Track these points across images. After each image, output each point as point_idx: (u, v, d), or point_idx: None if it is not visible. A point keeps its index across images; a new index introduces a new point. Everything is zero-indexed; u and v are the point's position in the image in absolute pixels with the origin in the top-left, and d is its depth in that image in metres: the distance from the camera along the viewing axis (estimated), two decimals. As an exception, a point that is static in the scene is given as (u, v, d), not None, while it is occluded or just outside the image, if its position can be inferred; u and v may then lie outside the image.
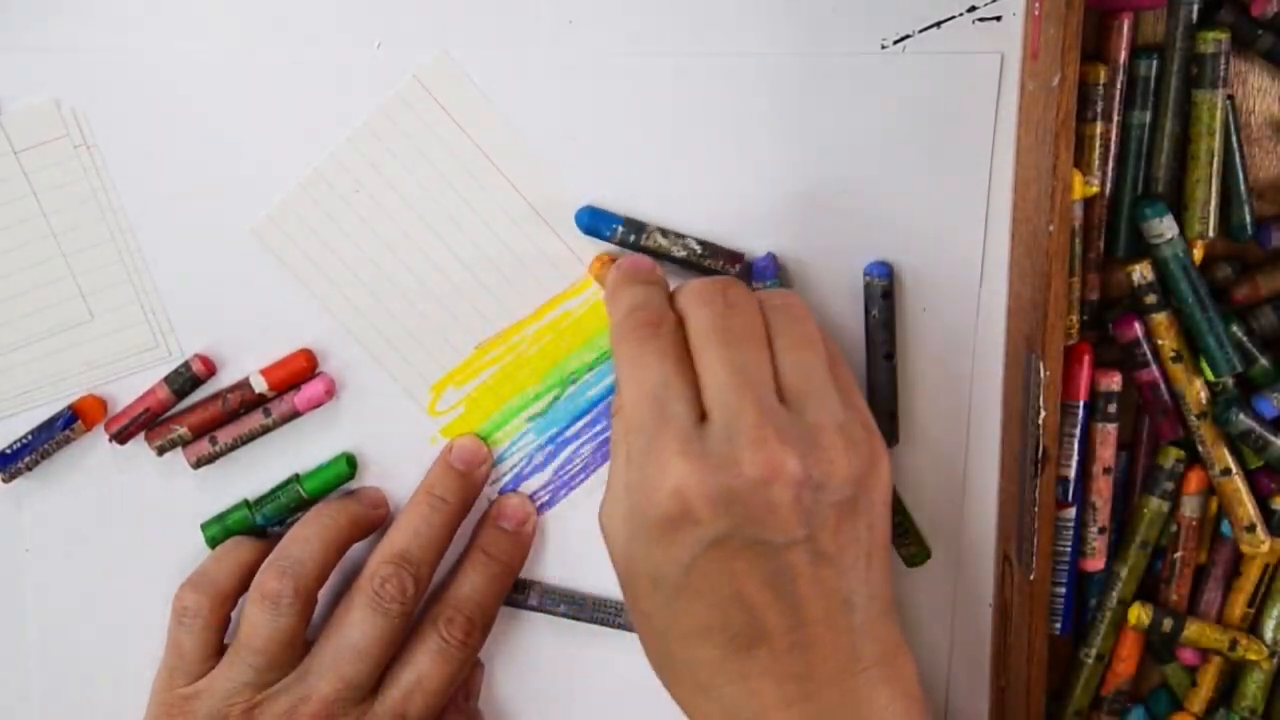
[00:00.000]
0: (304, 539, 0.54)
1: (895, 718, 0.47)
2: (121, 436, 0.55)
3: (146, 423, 0.55)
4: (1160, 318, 0.54)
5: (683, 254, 0.54)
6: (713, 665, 0.47)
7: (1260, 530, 0.55)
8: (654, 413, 0.47)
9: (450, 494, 0.55)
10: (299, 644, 0.53)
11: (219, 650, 0.54)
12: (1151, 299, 0.54)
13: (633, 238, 0.54)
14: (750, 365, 0.47)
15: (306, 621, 0.54)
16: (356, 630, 0.53)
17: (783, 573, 0.46)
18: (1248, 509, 0.55)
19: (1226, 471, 0.55)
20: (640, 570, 0.47)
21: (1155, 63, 0.53)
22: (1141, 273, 0.54)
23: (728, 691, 0.47)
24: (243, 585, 0.54)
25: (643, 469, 0.46)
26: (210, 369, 0.55)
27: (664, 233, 0.54)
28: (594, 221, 0.54)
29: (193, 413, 0.55)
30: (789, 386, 0.47)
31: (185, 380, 0.55)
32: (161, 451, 0.55)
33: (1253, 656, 0.57)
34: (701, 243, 0.54)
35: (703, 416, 0.46)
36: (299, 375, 0.55)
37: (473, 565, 0.56)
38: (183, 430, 0.55)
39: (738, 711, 0.46)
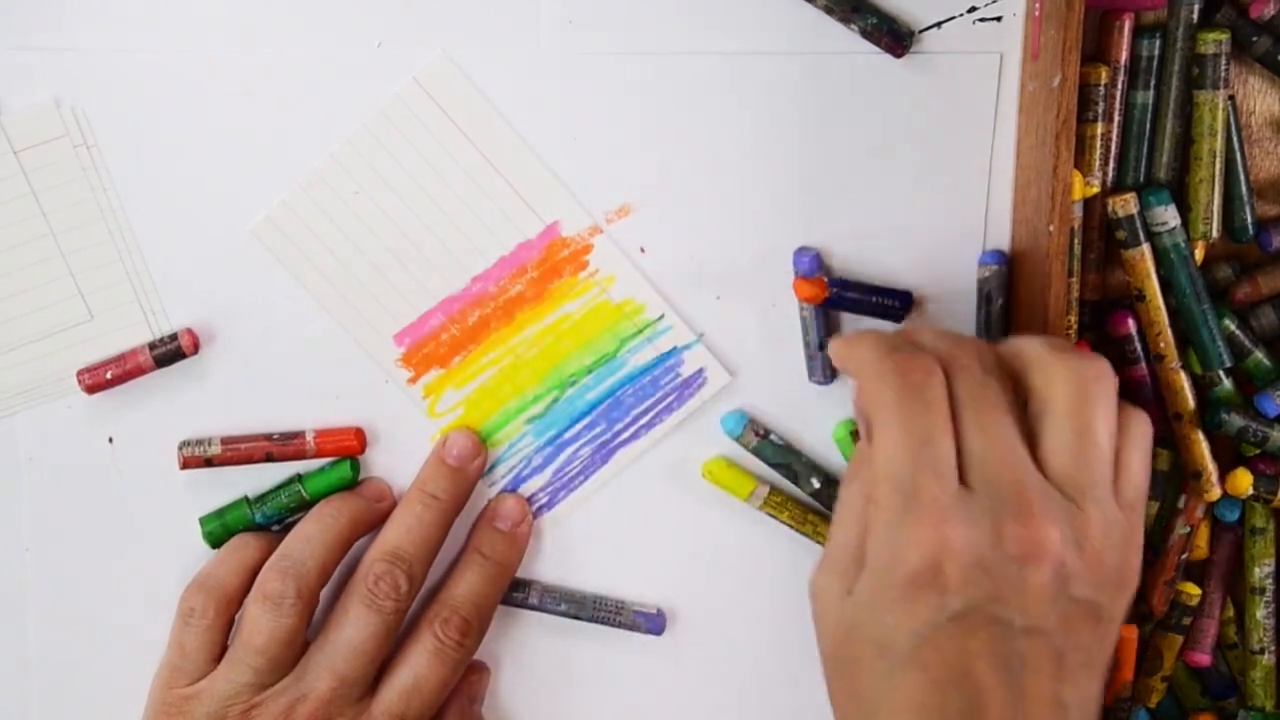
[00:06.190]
0: (305, 538, 0.54)
1: None
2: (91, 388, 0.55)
3: (117, 379, 0.55)
4: (1133, 252, 0.54)
5: None
6: None
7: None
8: (917, 468, 0.45)
9: (443, 491, 0.55)
10: (300, 644, 0.53)
11: (222, 651, 0.54)
12: (1122, 234, 0.54)
13: None
14: (1011, 441, 0.45)
15: (308, 621, 0.54)
16: (351, 628, 0.53)
17: (1015, 658, 0.43)
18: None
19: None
20: (865, 635, 0.45)
21: (1157, 41, 0.53)
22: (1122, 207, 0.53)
23: None
24: (247, 586, 0.54)
25: (894, 526, 0.44)
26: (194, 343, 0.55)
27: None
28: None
29: (235, 443, 0.55)
30: (1056, 467, 0.45)
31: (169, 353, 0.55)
32: (187, 464, 0.55)
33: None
34: None
35: (960, 482, 0.45)
36: (344, 450, 0.56)
37: (469, 565, 0.56)
38: (216, 450, 0.55)
39: None
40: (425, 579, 0.55)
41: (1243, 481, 0.56)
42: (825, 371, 0.55)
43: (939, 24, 0.53)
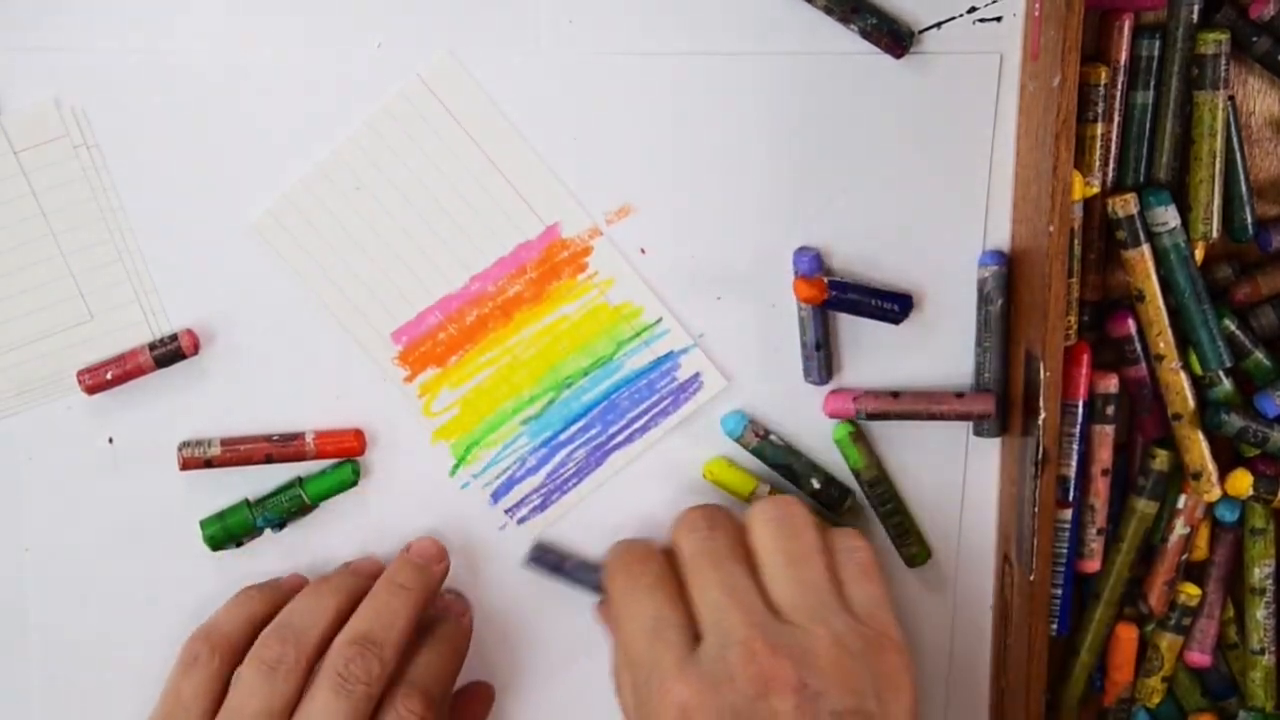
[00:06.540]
0: (307, 609, 0.53)
1: None
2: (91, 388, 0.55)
3: (117, 380, 0.55)
4: (1133, 252, 0.54)
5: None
6: None
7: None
8: (650, 643, 0.49)
9: (411, 582, 0.54)
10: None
11: (217, 704, 0.52)
12: (1122, 234, 0.54)
13: None
14: (738, 583, 0.49)
15: (299, 695, 0.51)
16: (322, 715, 0.51)
17: None
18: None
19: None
20: None
21: (1157, 41, 0.53)
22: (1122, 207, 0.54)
23: None
24: (251, 640, 0.53)
25: (646, 698, 0.48)
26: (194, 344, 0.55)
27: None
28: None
29: (234, 444, 0.55)
30: (781, 600, 0.49)
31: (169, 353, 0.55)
32: (187, 465, 0.55)
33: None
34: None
35: (699, 639, 0.48)
36: (344, 452, 0.56)
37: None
38: (216, 451, 0.55)
39: None
40: (394, 664, 0.53)
41: (1242, 482, 0.56)
42: (822, 372, 0.55)
43: (939, 24, 0.53)
